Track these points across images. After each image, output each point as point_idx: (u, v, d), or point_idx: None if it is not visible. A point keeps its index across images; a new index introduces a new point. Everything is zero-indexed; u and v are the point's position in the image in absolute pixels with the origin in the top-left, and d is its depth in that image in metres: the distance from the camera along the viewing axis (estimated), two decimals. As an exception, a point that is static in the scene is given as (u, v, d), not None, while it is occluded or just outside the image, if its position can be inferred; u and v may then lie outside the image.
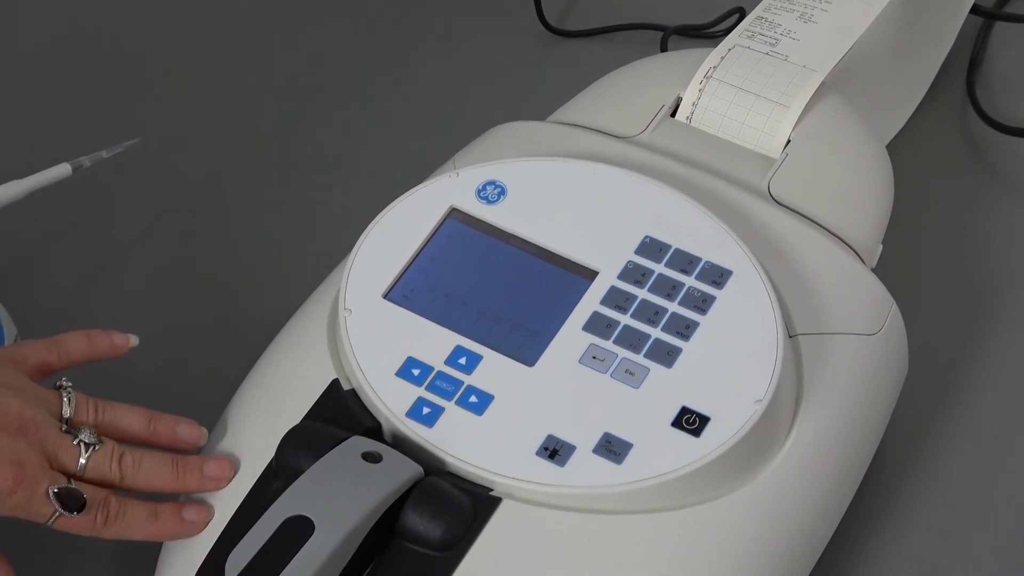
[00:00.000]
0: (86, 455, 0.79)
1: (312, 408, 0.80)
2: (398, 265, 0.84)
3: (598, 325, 0.81)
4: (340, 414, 0.79)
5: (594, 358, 0.80)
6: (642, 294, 0.82)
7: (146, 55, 1.14)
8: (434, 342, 0.81)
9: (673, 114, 0.93)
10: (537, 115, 0.95)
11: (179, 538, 0.79)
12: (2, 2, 1.18)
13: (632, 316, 0.81)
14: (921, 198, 1.01)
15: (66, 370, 0.82)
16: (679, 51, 0.99)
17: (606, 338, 0.80)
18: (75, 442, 0.79)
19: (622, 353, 0.80)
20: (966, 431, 0.91)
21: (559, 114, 0.95)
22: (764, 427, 0.78)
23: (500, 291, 0.83)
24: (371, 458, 0.75)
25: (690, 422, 0.77)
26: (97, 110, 1.09)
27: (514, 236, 0.84)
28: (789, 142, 0.91)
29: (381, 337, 0.81)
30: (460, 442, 0.78)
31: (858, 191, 0.90)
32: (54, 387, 0.81)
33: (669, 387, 0.79)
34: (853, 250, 0.88)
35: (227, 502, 0.78)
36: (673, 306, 0.81)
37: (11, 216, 0.90)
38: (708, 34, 1.13)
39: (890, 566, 0.86)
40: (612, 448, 0.77)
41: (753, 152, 0.91)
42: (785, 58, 0.94)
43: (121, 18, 1.17)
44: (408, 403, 0.79)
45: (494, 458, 0.77)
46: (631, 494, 0.76)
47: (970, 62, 1.10)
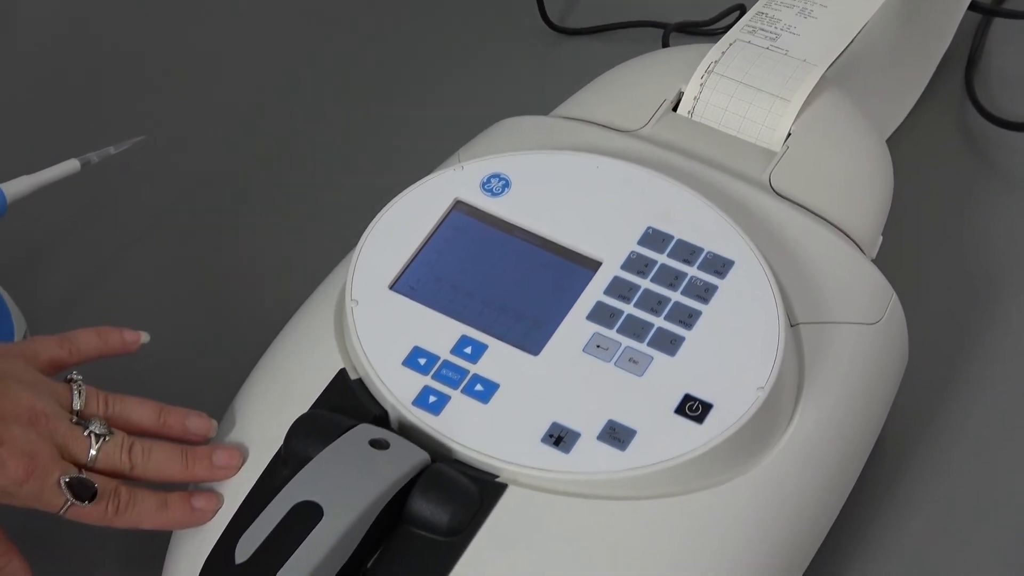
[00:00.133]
0: (96, 446, 0.80)
1: (320, 397, 0.81)
2: (404, 256, 0.85)
3: (602, 314, 0.82)
4: (347, 403, 0.80)
5: (598, 347, 0.81)
6: (645, 284, 0.83)
7: (150, 54, 1.16)
8: (440, 332, 0.82)
9: (675, 108, 0.95)
10: (540, 111, 0.96)
11: (189, 526, 0.79)
12: (4, 2, 1.19)
13: (635, 305, 0.82)
14: (920, 192, 1.03)
15: (77, 366, 0.83)
16: (680, 47, 1.00)
17: (610, 327, 0.81)
18: (86, 433, 0.80)
19: (626, 342, 0.81)
20: (966, 420, 0.92)
21: (562, 109, 0.96)
22: (766, 414, 0.79)
23: (505, 282, 0.84)
24: (378, 445, 0.76)
25: (693, 409, 0.78)
26: (104, 108, 1.11)
27: (518, 228, 0.85)
28: (790, 135, 0.92)
29: (387, 327, 0.82)
30: (466, 430, 0.79)
31: (858, 183, 0.91)
32: (65, 380, 0.82)
33: (672, 375, 0.80)
34: (853, 241, 0.89)
35: (236, 490, 0.79)
36: (676, 295, 0.82)
37: (20, 211, 0.91)
38: (709, 31, 1.14)
39: (891, 552, 0.87)
40: (616, 435, 0.78)
41: (754, 145, 0.92)
42: (785, 53, 0.95)
43: (123, 18, 1.18)
44: (415, 392, 0.80)
45: (500, 445, 0.78)
46: (635, 480, 0.77)
47: (968, 58, 1.11)
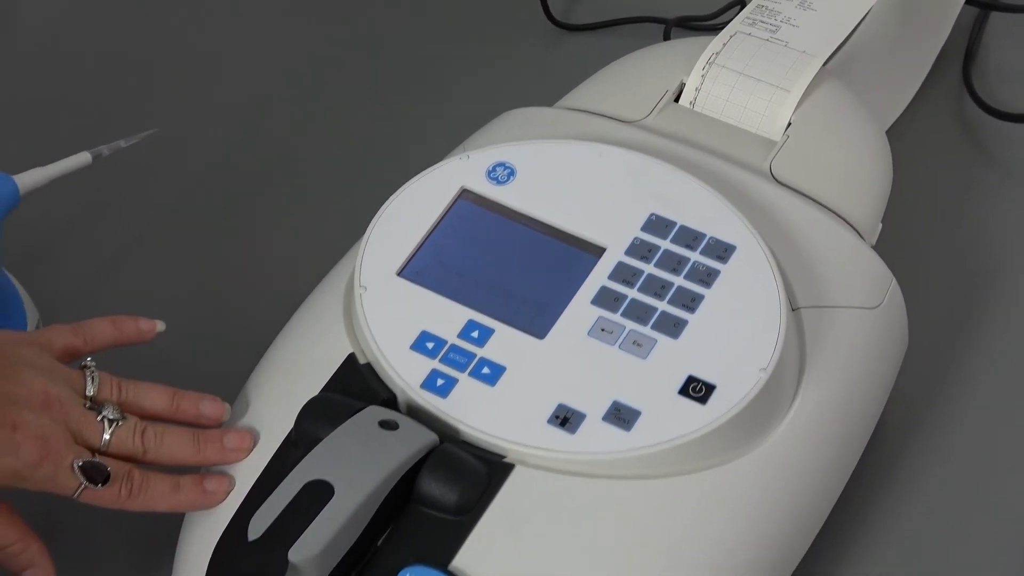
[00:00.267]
0: (110, 431, 0.81)
1: (329, 381, 0.82)
2: (411, 244, 0.86)
3: (606, 299, 0.83)
4: (357, 387, 0.81)
5: (603, 330, 0.82)
6: (649, 269, 0.84)
7: (158, 52, 1.17)
8: (447, 317, 0.83)
9: (677, 99, 0.96)
10: (544, 105, 0.97)
11: (201, 508, 0.80)
12: (8, 2, 1.20)
13: (639, 290, 0.83)
14: (919, 182, 1.04)
15: (91, 354, 0.84)
16: (681, 39, 1.02)
17: (614, 311, 0.83)
18: (99, 418, 0.81)
19: (630, 325, 0.82)
20: (965, 406, 0.94)
21: (566, 100, 0.98)
22: (768, 395, 0.80)
23: (511, 268, 0.85)
24: (388, 426, 0.78)
25: (696, 390, 0.80)
26: (114, 104, 1.12)
27: (523, 215, 0.87)
28: (790, 125, 0.93)
29: (395, 313, 0.83)
30: (474, 411, 0.80)
31: (857, 170, 0.93)
32: (79, 368, 0.83)
33: (676, 357, 0.81)
34: (853, 228, 0.90)
35: (248, 472, 0.80)
36: (679, 280, 0.84)
37: (33, 203, 0.93)
38: (709, 26, 1.16)
39: (892, 534, 0.88)
40: (621, 416, 0.79)
41: (755, 135, 0.94)
42: (785, 44, 0.96)
43: (132, 17, 1.19)
44: (423, 375, 0.81)
45: (507, 426, 0.79)
46: (640, 459, 0.78)
47: (966, 51, 1.12)
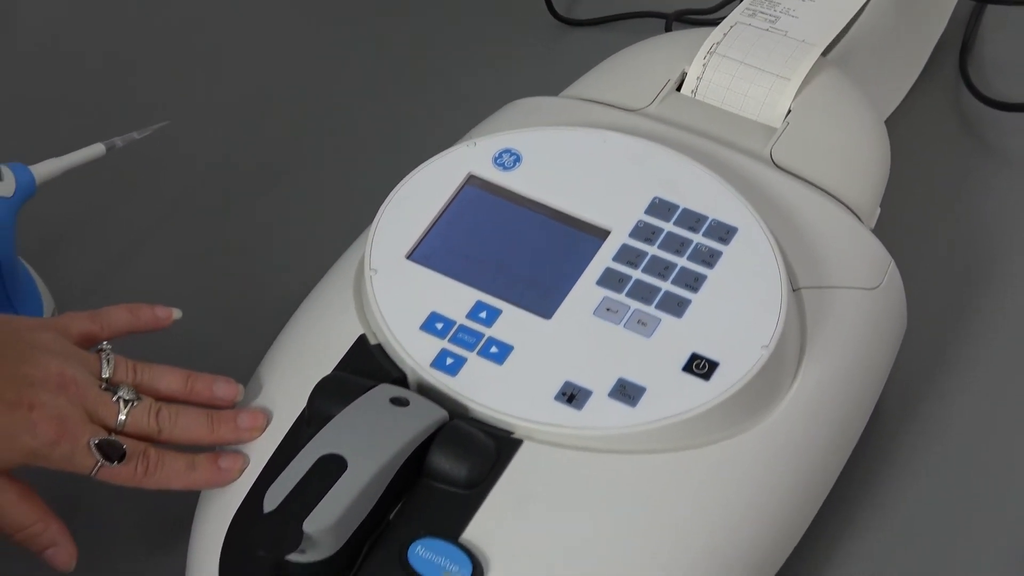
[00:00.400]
0: (125, 411, 0.82)
1: (341, 362, 0.84)
2: (420, 228, 0.87)
3: (611, 280, 0.85)
4: (367, 367, 0.83)
5: (608, 310, 0.84)
6: (652, 250, 0.86)
7: (168, 46, 1.19)
8: (456, 298, 0.85)
9: (679, 89, 0.98)
10: (548, 98, 1.00)
11: (216, 486, 0.82)
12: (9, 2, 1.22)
13: (643, 271, 0.85)
14: (917, 171, 1.06)
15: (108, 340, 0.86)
16: (683, 31, 1.03)
17: (619, 291, 0.84)
18: (114, 399, 0.82)
19: (634, 305, 0.84)
20: (963, 387, 0.95)
21: (570, 90, 1.00)
22: (770, 371, 0.82)
23: (517, 251, 0.87)
24: (399, 403, 0.79)
25: (700, 367, 0.81)
26: (127, 98, 1.14)
27: (529, 200, 0.88)
28: (790, 112, 0.95)
29: (405, 295, 0.85)
30: (482, 389, 0.81)
31: (856, 155, 0.95)
32: (95, 351, 0.85)
33: (679, 335, 0.83)
34: (852, 211, 0.92)
35: (262, 450, 0.82)
36: (682, 261, 0.85)
37: (48, 193, 0.94)
38: (709, 20, 1.17)
39: (895, 512, 0.89)
40: (626, 392, 0.81)
41: (755, 122, 0.96)
42: (785, 34, 0.98)
43: (144, 13, 1.21)
44: (432, 354, 0.83)
45: (515, 403, 0.81)
46: (645, 434, 0.80)
47: (962, 43, 1.14)
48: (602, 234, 0.87)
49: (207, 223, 1.06)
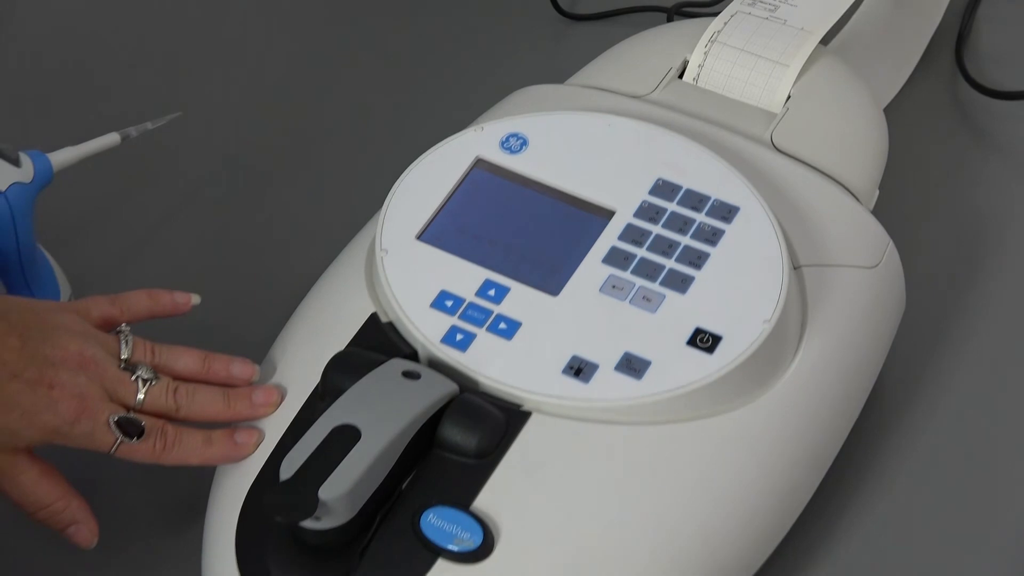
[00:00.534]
0: (144, 389, 0.84)
1: (353, 339, 0.86)
2: (429, 210, 0.89)
3: (616, 258, 0.87)
4: (379, 343, 0.85)
5: (613, 287, 0.86)
6: (656, 230, 0.88)
7: (184, 38, 1.21)
8: (465, 277, 0.87)
9: (681, 76, 1.00)
10: (552, 89, 1.02)
11: (232, 461, 0.84)
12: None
13: (648, 249, 0.87)
14: (915, 157, 1.08)
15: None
16: (684, 21, 1.06)
17: (624, 269, 0.86)
18: (133, 378, 0.84)
19: (639, 282, 0.86)
20: (960, 365, 0.97)
21: (575, 78, 1.02)
22: (772, 345, 0.84)
23: (525, 231, 0.89)
24: (411, 376, 0.81)
25: (703, 341, 0.83)
26: (142, 88, 1.16)
27: (536, 182, 0.90)
28: (789, 97, 0.97)
29: (415, 274, 0.87)
30: (491, 364, 0.83)
31: (854, 139, 0.97)
32: (113, 333, 0.86)
33: (683, 311, 0.85)
34: (851, 193, 0.94)
35: (276, 425, 0.84)
36: (685, 239, 0.87)
37: (64, 181, 0.96)
38: (709, 12, 1.19)
39: (897, 488, 0.91)
40: (632, 365, 0.83)
41: (756, 108, 0.98)
42: (784, 22, 1.00)
43: (162, 6, 1.24)
44: (442, 330, 0.85)
45: (523, 377, 0.83)
46: (650, 406, 0.82)
47: (959, 34, 1.16)
48: (607, 214, 0.89)
49: (220, 210, 1.08)
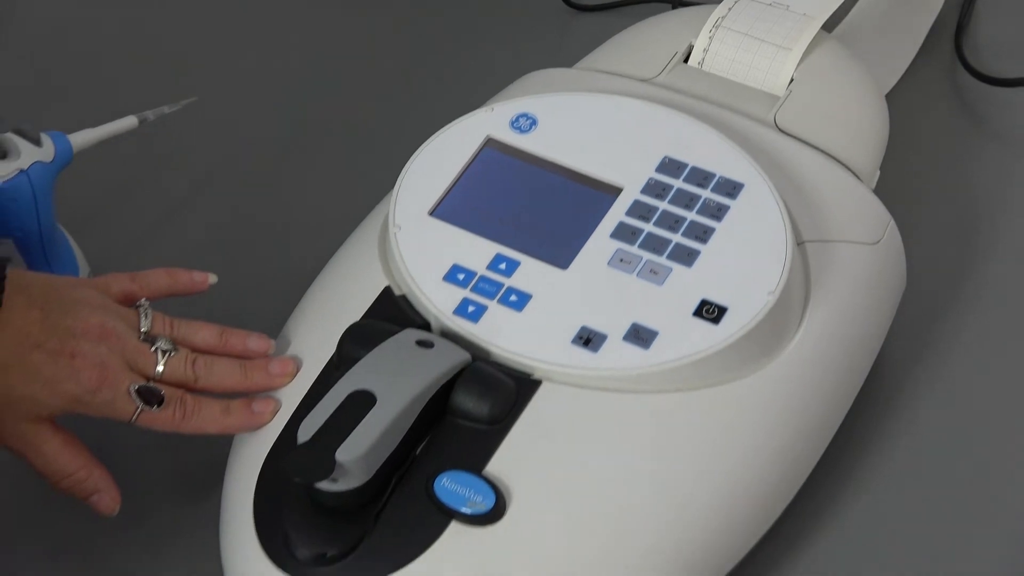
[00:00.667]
0: (163, 360, 0.86)
1: (367, 312, 0.88)
2: (441, 187, 0.92)
3: (624, 233, 0.89)
4: (393, 316, 0.87)
5: (621, 260, 0.88)
6: (663, 205, 0.90)
7: (202, 22, 1.23)
8: (476, 251, 0.89)
9: (686, 60, 1.02)
10: (559, 81, 1.04)
11: (250, 430, 0.86)
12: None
13: (655, 224, 0.89)
14: (915, 143, 1.10)
15: (147, 300, 0.89)
16: (689, 7, 1.08)
17: (631, 244, 0.89)
18: (153, 349, 0.86)
19: (646, 256, 0.88)
20: (958, 345, 0.99)
21: (583, 63, 1.04)
22: (776, 317, 0.86)
23: (534, 208, 0.91)
24: (425, 344, 0.83)
25: (709, 312, 0.86)
26: (159, 74, 1.18)
27: (545, 160, 0.93)
28: (792, 80, 1.00)
29: (428, 249, 0.89)
30: (503, 334, 0.85)
31: (856, 120, 0.99)
32: (133, 308, 0.88)
33: (690, 283, 0.87)
34: (853, 172, 0.96)
35: (293, 395, 0.86)
36: (691, 215, 0.90)
37: (84, 163, 0.99)
38: (713, 3, 1.21)
39: (899, 463, 0.93)
40: (640, 335, 0.85)
41: (759, 91, 1.00)
42: (787, 8, 1.02)
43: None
44: (455, 303, 0.87)
45: (534, 347, 0.85)
46: (657, 375, 0.84)
47: (958, 24, 1.19)
48: (615, 191, 0.91)
49: (235, 191, 1.10)
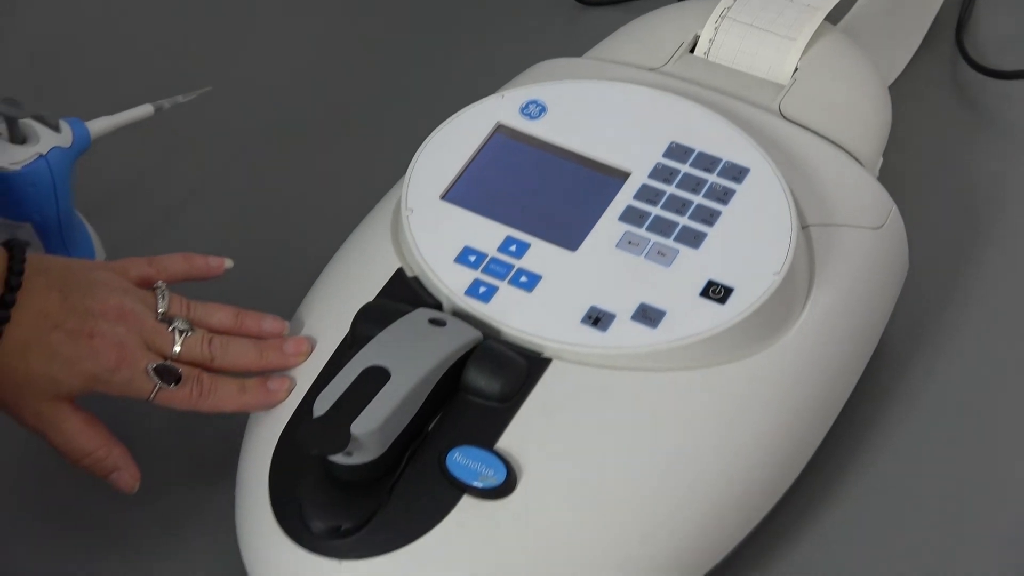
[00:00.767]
0: (180, 340, 0.88)
1: (380, 293, 0.89)
2: (452, 172, 0.93)
3: (632, 216, 0.91)
4: (405, 297, 0.89)
5: (629, 243, 0.90)
6: (670, 189, 0.92)
7: (216, 11, 1.25)
8: (487, 234, 0.90)
9: (692, 51, 1.04)
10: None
11: (265, 407, 0.87)
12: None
13: (662, 208, 0.91)
14: (916, 134, 1.12)
15: (163, 283, 0.91)
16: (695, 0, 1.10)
17: (639, 226, 0.90)
18: (170, 329, 0.88)
19: (654, 238, 0.90)
20: (959, 332, 1.01)
21: (591, 53, 1.06)
22: (781, 297, 0.87)
23: (544, 192, 0.93)
24: (437, 323, 0.85)
25: (716, 292, 0.87)
26: (174, 64, 1.20)
27: (555, 146, 0.94)
28: (797, 70, 1.02)
29: (439, 231, 0.91)
30: (513, 314, 0.87)
31: (859, 108, 1.01)
32: (150, 290, 0.90)
33: (697, 264, 0.88)
34: (857, 159, 0.98)
35: (307, 374, 0.88)
36: (698, 198, 0.91)
37: (101, 151, 1.01)
38: (718, 1, 1.24)
39: (901, 442, 0.95)
40: (648, 315, 0.87)
41: (765, 80, 1.02)
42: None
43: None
44: (466, 283, 0.88)
45: (544, 326, 0.86)
46: (665, 353, 0.86)
47: (958, 19, 1.21)
48: (623, 176, 0.93)
49: (249, 178, 1.11)
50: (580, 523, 0.82)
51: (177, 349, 0.88)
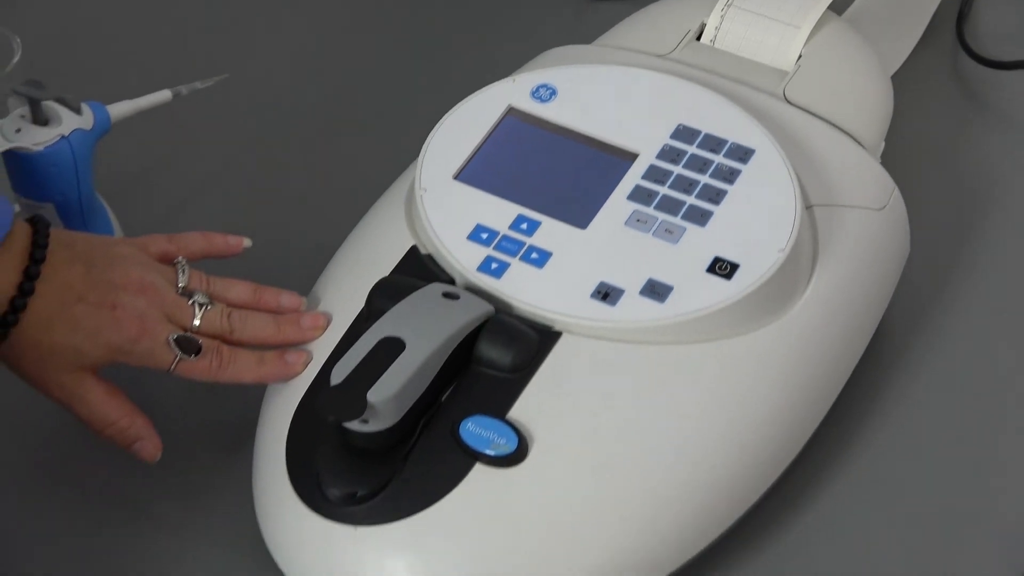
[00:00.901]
0: (200, 313, 0.90)
1: (394, 269, 0.92)
2: (465, 152, 0.96)
3: (640, 195, 0.93)
4: (419, 273, 0.91)
5: (638, 221, 0.92)
6: (677, 170, 0.94)
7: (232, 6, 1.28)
8: (499, 212, 0.93)
9: (698, 38, 1.06)
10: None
11: (283, 379, 0.90)
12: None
13: (669, 187, 0.93)
14: (917, 122, 1.14)
15: (184, 259, 0.93)
16: (702, -11, 1.12)
17: (647, 205, 0.93)
18: (190, 302, 0.90)
19: (662, 216, 0.92)
20: (958, 315, 1.03)
21: (599, 40, 1.08)
22: (786, 273, 0.90)
23: (554, 172, 0.95)
24: (451, 296, 0.88)
25: (722, 268, 0.90)
26: (193, 51, 1.22)
27: (565, 128, 0.97)
28: (801, 57, 1.04)
29: (453, 210, 0.93)
30: (525, 289, 0.89)
31: (861, 93, 1.03)
32: (170, 264, 0.92)
33: (703, 242, 0.91)
34: (859, 143, 1.00)
35: (324, 347, 0.90)
36: (704, 178, 0.94)
37: (121, 134, 1.03)
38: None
39: (902, 418, 0.97)
40: (656, 290, 0.89)
41: (769, 67, 1.04)
42: (795, -12, 1.07)
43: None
44: (478, 260, 0.91)
45: (554, 301, 0.89)
46: (672, 327, 0.88)
47: (959, 11, 1.23)
48: (631, 157, 0.95)
49: (266, 161, 1.14)
50: (589, 490, 0.84)
51: (197, 322, 0.90)
